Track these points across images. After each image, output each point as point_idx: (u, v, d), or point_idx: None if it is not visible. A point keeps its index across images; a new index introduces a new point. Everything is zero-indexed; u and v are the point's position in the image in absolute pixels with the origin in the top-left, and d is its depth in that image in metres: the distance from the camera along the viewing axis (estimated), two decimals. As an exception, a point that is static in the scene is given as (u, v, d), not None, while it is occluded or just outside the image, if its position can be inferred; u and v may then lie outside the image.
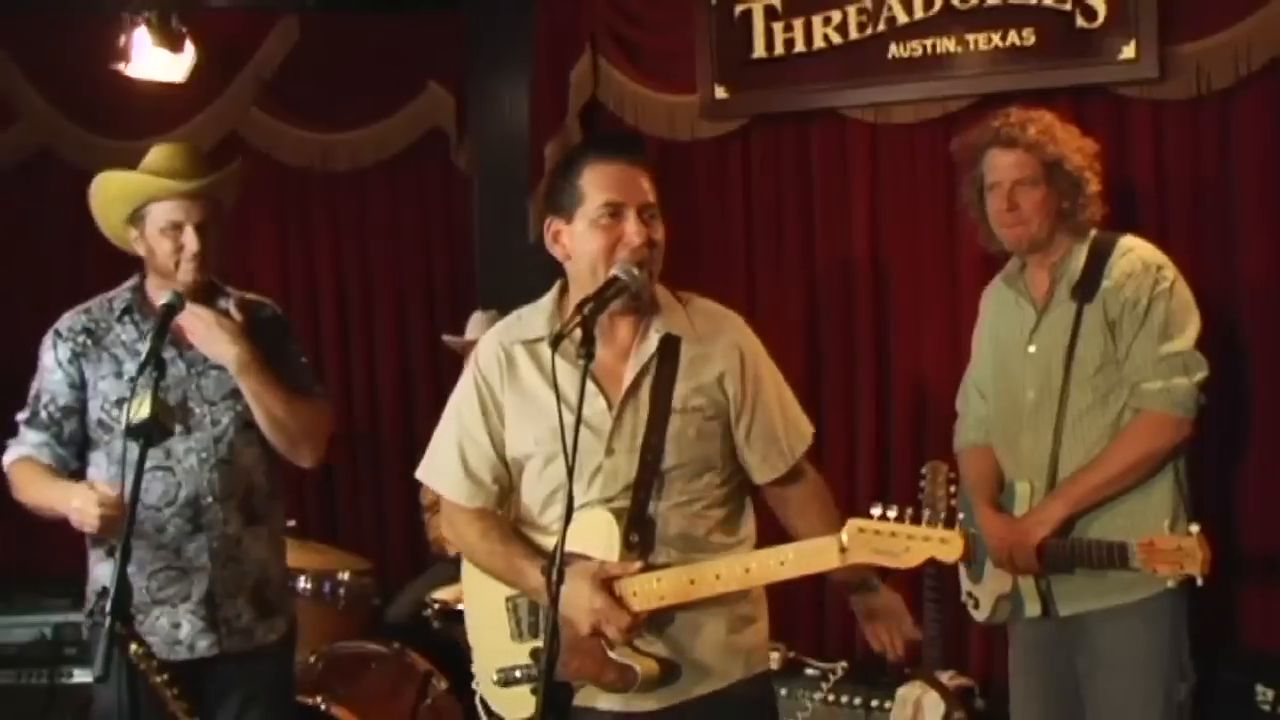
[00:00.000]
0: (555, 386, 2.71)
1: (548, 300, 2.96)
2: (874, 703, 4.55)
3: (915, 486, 4.02)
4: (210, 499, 3.43)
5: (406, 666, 4.54)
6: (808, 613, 5.10)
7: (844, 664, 4.63)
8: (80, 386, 3.44)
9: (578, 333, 2.62)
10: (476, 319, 5.29)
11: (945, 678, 4.36)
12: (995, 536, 3.58)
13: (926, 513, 2.69)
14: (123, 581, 2.68)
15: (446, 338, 5.40)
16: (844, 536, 2.70)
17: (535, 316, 2.95)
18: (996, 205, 3.62)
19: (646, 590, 2.80)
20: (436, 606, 4.58)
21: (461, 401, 2.98)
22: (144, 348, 3.31)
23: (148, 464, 3.22)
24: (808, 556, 2.76)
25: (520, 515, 2.99)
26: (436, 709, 4.45)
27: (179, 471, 3.41)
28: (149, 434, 2.84)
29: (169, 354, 3.38)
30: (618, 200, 2.80)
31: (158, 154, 3.50)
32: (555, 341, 2.66)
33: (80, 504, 3.14)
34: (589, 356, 2.58)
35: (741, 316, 3.09)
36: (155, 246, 3.41)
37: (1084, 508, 3.48)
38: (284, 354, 3.59)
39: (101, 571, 3.44)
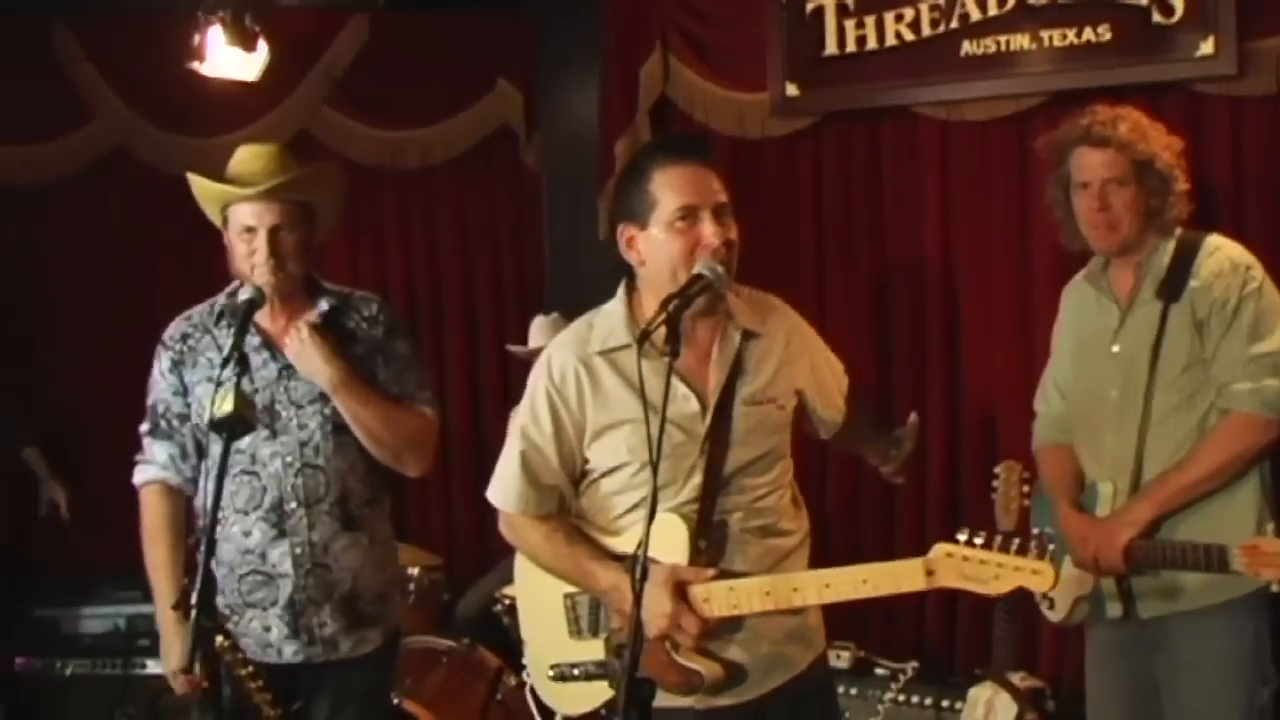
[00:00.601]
0: (642, 389, 2.70)
1: (618, 306, 2.94)
2: (944, 703, 4.53)
3: (984, 486, 4.01)
4: (294, 504, 3.39)
5: (477, 662, 4.57)
6: (876, 613, 5.08)
7: (914, 664, 4.63)
8: (184, 393, 3.44)
9: (662, 331, 2.61)
10: (539, 325, 5.28)
11: (1016, 679, 4.32)
12: (1079, 537, 3.54)
13: (1015, 541, 2.68)
14: (207, 576, 2.70)
15: (511, 348, 5.41)
16: (931, 560, 2.69)
17: (609, 324, 2.92)
18: (1086, 205, 3.56)
19: (720, 598, 2.80)
20: (506, 603, 4.60)
21: (528, 420, 2.95)
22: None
23: (235, 467, 3.31)
24: (891, 577, 2.75)
25: (587, 517, 2.99)
26: (507, 705, 4.47)
27: (264, 476, 3.39)
28: (231, 429, 2.85)
29: (262, 356, 3.40)
30: (692, 203, 2.79)
31: (238, 156, 3.48)
32: (641, 339, 2.65)
33: (171, 667, 3.29)
34: (674, 354, 2.58)
35: (811, 318, 3.11)
36: (233, 249, 3.42)
37: (1170, 509, 3.44)
38: (388, 356, 3.51)
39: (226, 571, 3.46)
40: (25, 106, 5.88)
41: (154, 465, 3.48)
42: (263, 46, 5.41)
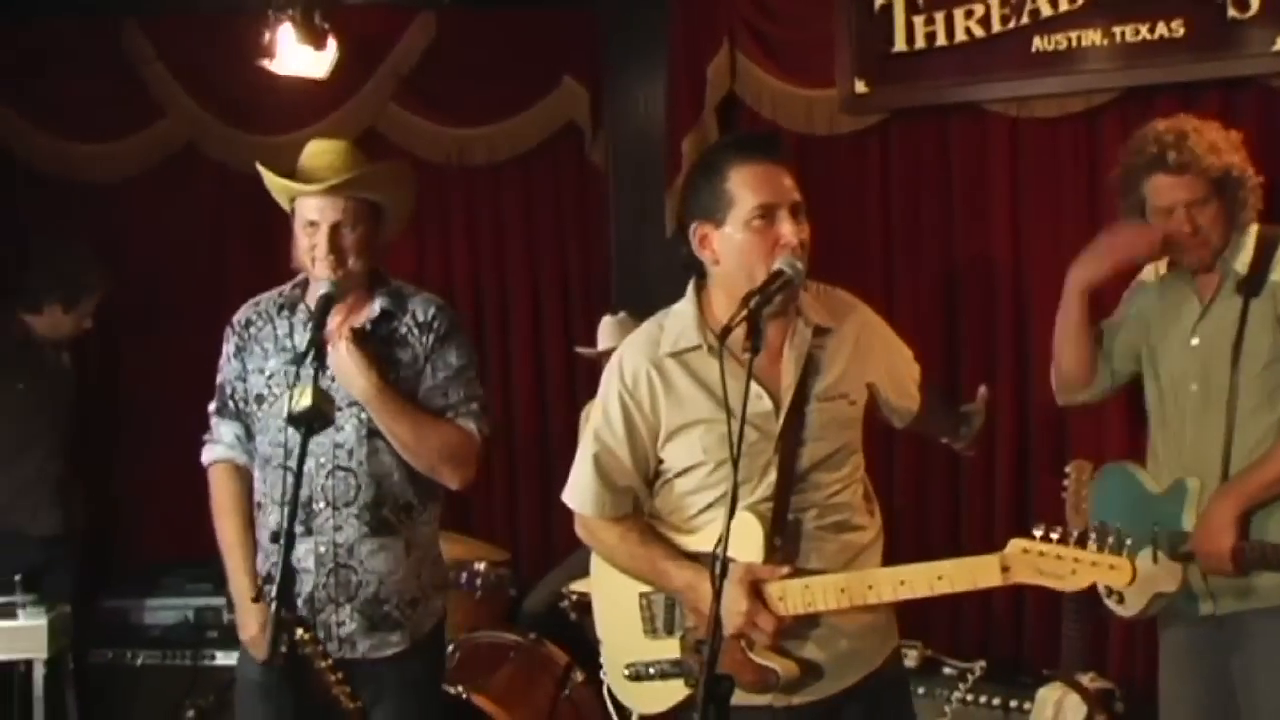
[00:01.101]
0: (724, 388, 2.68)
1: (688, 306, 2.93)
2: (1013, 703, 4.50)
3: (1053, 486, 3.98)
4: (322, 504, 3.37)
5: (544, 658, 4.58)
6: (942, 612, 5.04)
7: (982, 663, 4.60)
8: (244, 378, 3.47)
9: (742, 329, 2.61)
10: (607, 326, 5.28)
11: (1086, 680, 4.29)
12: None
13: (1092, 536, 2.64)
14: (286, 569, 2.73)
15: (580, 350, 5.42)
16: (1006, 555, 2.67)
17: (679, 325, 2.91)
18: (1175, 229, 3.50)
19: (795, 596, 2.79)
20: (574, 598, 4.62)
21: (602, 426, 2.94)
22: (292, 343, 3.40)
23: (274, 460, 3.36)
24: (966, 573, 2.73)
25: (661, 516, 2.99)
26: (575, 701, 4.48)
27: (300, 474, 3.33)
28: (310, 423, 2.87)
29: (313, 357, 3.33)
30: (771, 202, 2.78)
31: (308, 150, 3.48)
32: (723, 336, 2.64)
33: (249, 634, 3.33)
34: (755, 350, 2.58)
35: (879, 314, 3.10)
36: (298, 241, 3.42)
37: (1254, 505, 3.40)
38: (437, 364, 3.47)
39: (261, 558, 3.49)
40: (98, 105, 5.96)
41: (221, 444, 3.51)
42: (332, 44, 5.45)
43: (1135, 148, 3.59)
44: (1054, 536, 2.64)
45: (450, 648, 4.59)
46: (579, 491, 2.99)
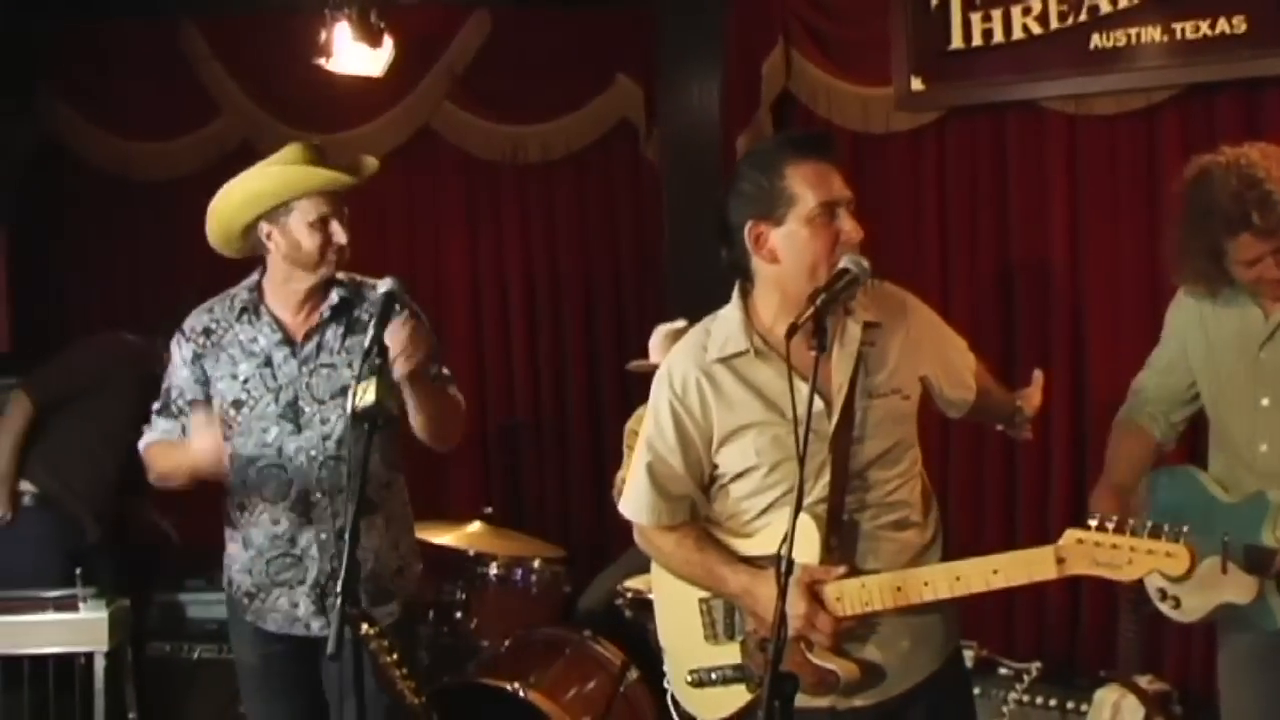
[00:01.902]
0: (790, 372, 2.69)
1: (734, 311, 2.90)
2: (1069, 704, 4.47)
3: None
4: (320, 495, 3.47)
5: (599, 655, 4.58)
6: (996, 612, 5.04)
7: (1038, 664, 4.58)
8: (206, 383, 3.53)
9: (808, 327, 2.60)
10: (659, 338, 5.29)
11: (1144, 682, 4.26)
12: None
13: (1147, 525, 2.60)
14: (351, 565, 2.74)
15: (632, 366, 5.41)
16: (1061, 547, 2.63)
17: (726, 330, 2.89)
18: (1261, 274, 3.33)
19: (852, 595, 2.77)
20: (629, 595, 4.62)
21: (654, 435, 2.94)
22: (258, 347, 3.49)
23: (262, 460, 3.47)
24: (1022, 566, 2.70)
25: (719, 522, 2.98)
26: (630, 699, 4.47)
27: (290, 469, 3.47)
28: (374, 419, 2.88)
29: (282, 352, 3.48)
30: (833, 198, 2.77)
31: (297, 152, 3.55)
32: (790, 334, 2.63)
33: (198, 442, 3.37)
34: (820, 349, 2.57)
35: (935, 312, 3.07)
36: (301, 240, 3.43)
37: None
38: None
39: (233, 552, 3.60)
40: (155, 105, 6.03)
41: (156, 431, 3.60)
42: (388, 42, 5.48)
43: (1208, 199, 3.33)
44: (1109, 526, 2.61)
45: (505, 644, 4.63)
46: (634, 501, 2.99)
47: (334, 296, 3.53)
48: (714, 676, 2.94)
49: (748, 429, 2.84)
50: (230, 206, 3.51)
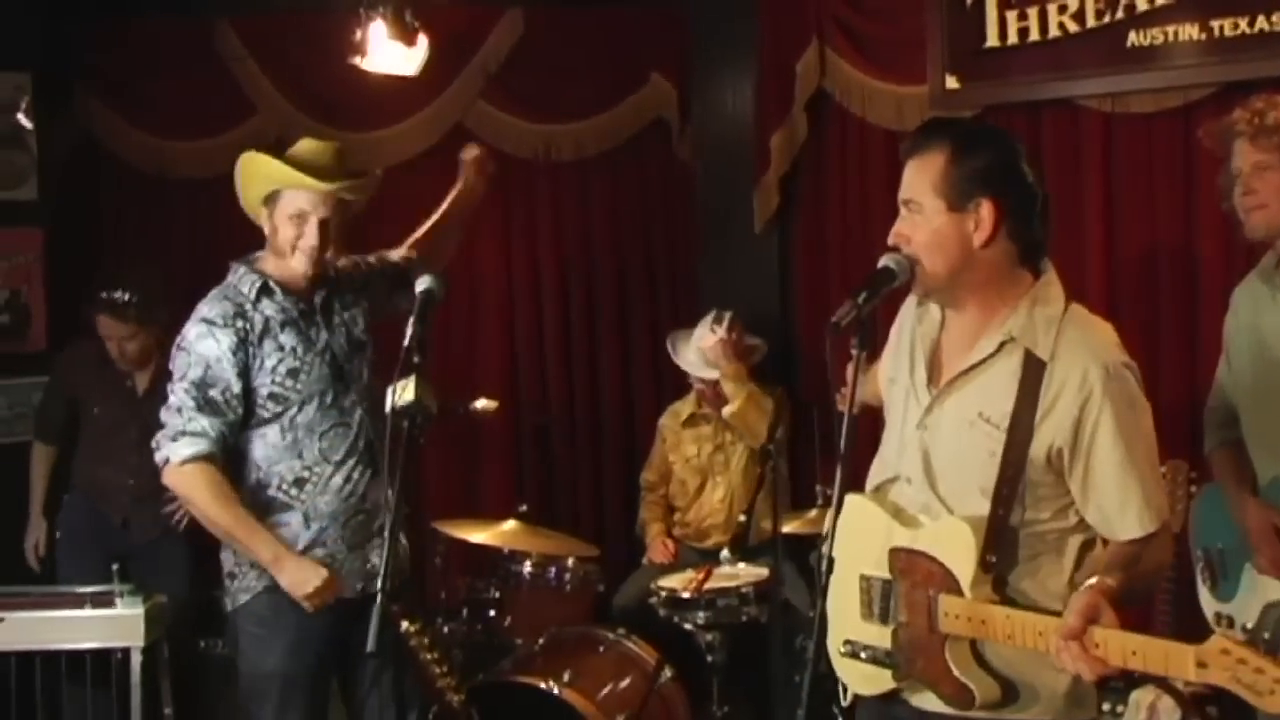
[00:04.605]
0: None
1: None
2: (1105, 706, 4.44)
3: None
4: (375, 439, 3.64)
5: (633, 654, 4.58)
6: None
7: (1074, 666, 4.55)
8: (246, 372, 3.57)
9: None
10: (693, 352, 5.31)
11: (1180, 683, 4.24)
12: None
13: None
14: (391, 563, 2.75)
15: (697, 382, 5.39)
16: (1204, 650, 2.40)
17: None
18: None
19: (997, 624, 2.60)
20: (663, 594, 4.62)
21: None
22: (288, 317, 3.63)
23: (326, 422, 3.59)
24: (1158, 658, 2.46)
25: None
26: (664, 697, 4.48)
27: (353, 423, 3.65)
28: (414, 417, 2.91)
29: (307, 318, 3.65)
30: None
31: (304, 146, 3.76)
32: (832, 331, 2.60)
33: (311, 586, 3.46)
34: (863, 347, 2.56)
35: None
36: (280, 229, 3.65)
37: None
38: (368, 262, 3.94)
39: (293, 531, 3.61)
40: (191, 104, 6.03)
41: (202, 440, 3.53)
42: (422, 41, 5.49)
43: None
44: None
45: (539, 641, 4.64)
46: None
47: (317, 298, 3.73)
48: (863, 655, 2.84)
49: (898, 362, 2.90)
50: (243, 179, 3.74)
